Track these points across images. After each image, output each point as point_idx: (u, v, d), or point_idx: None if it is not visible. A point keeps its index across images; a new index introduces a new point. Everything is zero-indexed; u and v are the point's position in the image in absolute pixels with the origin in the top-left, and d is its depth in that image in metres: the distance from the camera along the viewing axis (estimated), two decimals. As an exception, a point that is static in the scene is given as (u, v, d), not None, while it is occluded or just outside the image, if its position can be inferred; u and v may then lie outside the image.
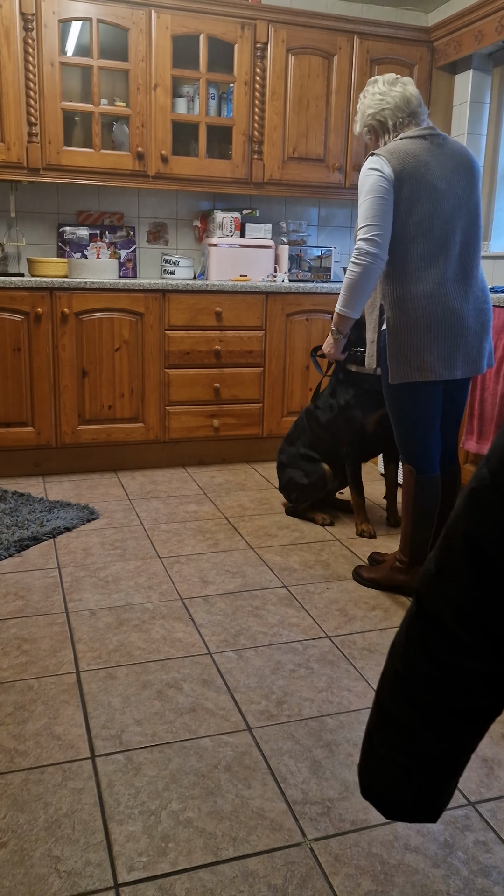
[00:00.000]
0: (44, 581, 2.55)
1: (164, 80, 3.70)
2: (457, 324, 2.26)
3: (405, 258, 2.24)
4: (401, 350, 2.27)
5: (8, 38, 3.44)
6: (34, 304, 3.50)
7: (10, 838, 1.43)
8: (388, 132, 2.34)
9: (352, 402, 3.00)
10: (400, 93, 2.30)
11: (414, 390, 2.31)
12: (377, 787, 0.95)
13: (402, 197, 2.20)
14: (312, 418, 3.15)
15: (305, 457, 3.14)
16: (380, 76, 2.37)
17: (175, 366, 3.78)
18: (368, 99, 2.35)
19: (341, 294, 2.37)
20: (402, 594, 2.51)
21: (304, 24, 3.84)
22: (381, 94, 2.31)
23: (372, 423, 2.98)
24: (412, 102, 2.31)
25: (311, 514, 3.19)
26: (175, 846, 1.42)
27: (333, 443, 3.08)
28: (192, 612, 2.35)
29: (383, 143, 2.35)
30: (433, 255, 2.23)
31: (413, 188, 2.20)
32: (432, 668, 0.84)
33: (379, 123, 2.34)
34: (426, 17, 4.39)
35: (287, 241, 4.28)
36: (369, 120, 2.35)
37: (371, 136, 2.40)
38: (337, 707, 1.87)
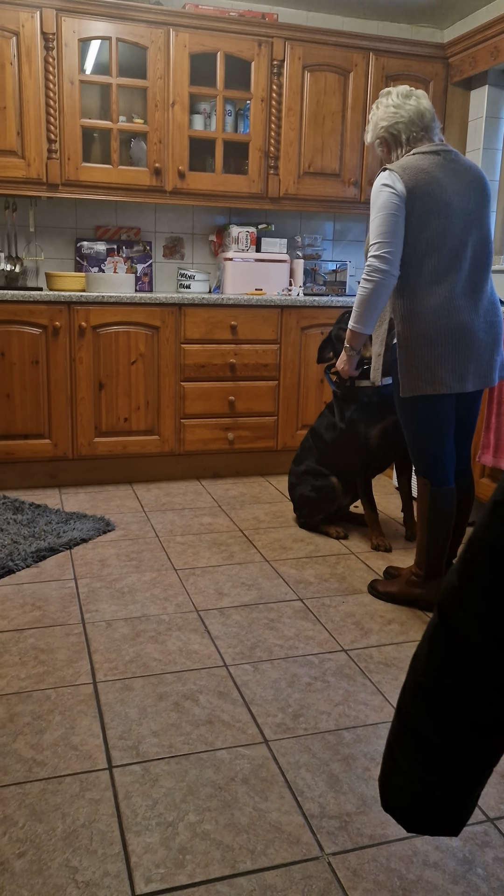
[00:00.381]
0: (60, 592, 2.56)
1: (181, 97, 3.75)
2: (468, 337, 2.27)
3: (416, 273, 2.26)
4: (412, 364, 2.28)
5: (29, 58, 3.50)
6: (52, 317, 3.54)
7: (28, 848, 1.43)
8: (401, 146, 2.35)
9: (354, 417, 3.01)
10: (414, 106, 2.31)
11: (426, 403, 2.32)
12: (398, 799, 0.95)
13: (414, 213, 2.22)
14: (317, 436, 3.16)
15: (314, 472, 3.15)
16: (393, 88, 2.37)
17: (190, 379, 3.80)
18: (382, 111, 2.35)
19: (353, 310, 2.39)
20: (418, 608, 2.51)
21: (320, 42, 3.88)
22: (395, 107, 2.31)
23: (375, 436, 2.99)
24: (426, 117, 2.32)
25: (325, 527, 3.19)
26: (192, 858, 1.42)
27: (341, 459, 3.09)
28: (208, 624, 2.35)
29: (395, 155, 2.37)
30: (444, 271, 2.24)
31: (425, 204, 2.21)
32: (455, 680, 0.84)
33: (392, 136, 2.35)
34: (441, 33, 4.42)
35: (302, 255, 4.30)
36: (382, 132, 2.36)
37: (383, 148, 2.40)
38: (354, 721, 1.87)
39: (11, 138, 3.55)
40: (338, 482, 3.11)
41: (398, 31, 4.37)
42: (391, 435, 2.99)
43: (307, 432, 3.27)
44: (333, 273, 4.27)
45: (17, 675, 2.04)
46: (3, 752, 1.71)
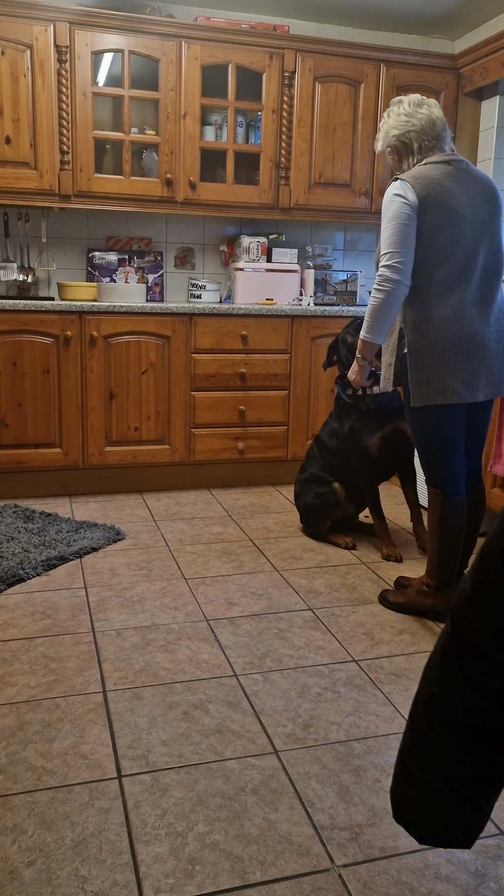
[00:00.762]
0: (71, 600, 2.56)
1: (193, 108, 3.78)
2: (478, 347, 2.26)
3: (427, 283, 2.26)
4: (423, 373, 2.28)
5: (43, 70, 3.54)
6: (63, 327, 3.56)
7: (37, 857, 1.42)
8: (413, 154, 2.34)
9: (355, 426, 3.02)
10: (426, 115, 2.31)
11: (437, 413, 2.31)
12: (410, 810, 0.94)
13: (426, 223, 2.22)
14: (321, 444, 3.17)
15: (316, 479, 3.15)
16: (405, 97, 2.37)
17: (201, 388, 3.81)
18: (393, 119, 2.34)
19: (365, 320, 2.38)
20: (429, 618, 2.49)
21: (331, 53, 3.90)
22: (406, 116, 2.31)
23: (375, 445, 2.98)
24: (437, 125, 2.32)
25: (333, 537, 3.19)
26: (202, 869, 1.41)
27: (344, 466, 3.10)
28: (218, 634, 2.35)
29: (406, 164, 2.36)
30: (455, 280, 2.24)
31: (437, 214, 2.21)
32: (468, 689, 0.84)
33: (403, 145, 2.35)
34: (452, 44, 4.44)
35: (313, 265, 4.31)
36: (393, 140, 2.36)
37: (394, 156, 2.40)
38: (364, 732, 1.85)
39: (25, 150, 3.59)
40: (340, 487, 3.11)
41: (409, 42, 4.39)
42: (391, 443, 2.99)
43: (312, 441, 3.27)
44: (344, 283, 4.28)
45: (27, 683, 2.04)
46: (13, 761, 1.70)
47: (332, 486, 3.11)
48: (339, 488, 3.11)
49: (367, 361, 2.53)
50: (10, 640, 2.27)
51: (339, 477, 3.12)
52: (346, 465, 3.09)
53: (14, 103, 3.53)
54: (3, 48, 3.47)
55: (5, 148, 3.56)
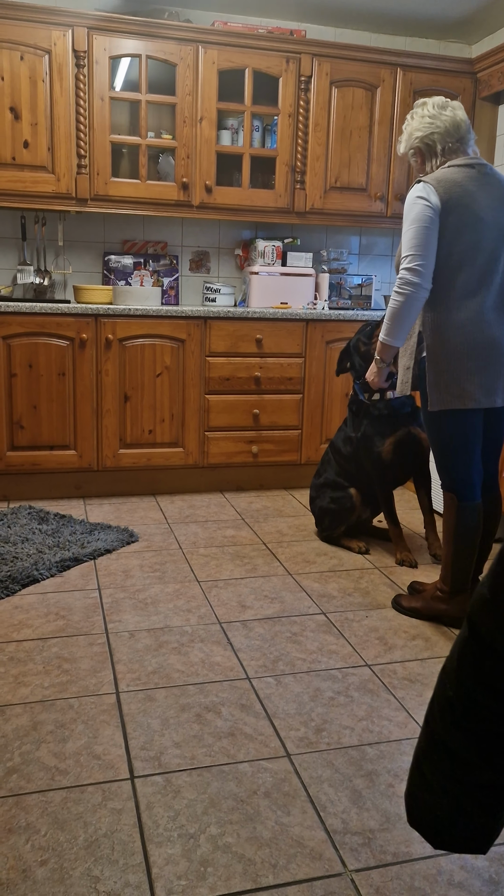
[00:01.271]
0: (84, 602, 2.57)
1: (209, 113, 3.79)
2: (498, 352, 2.25)
3: (447, 287, 2.25)
4: (441, 378, 2.27)
5: (61, 75, 3.56)
6: (79, 329, 3.58)
7: (50, 856, 1.43)
8: (436, 156, 2.33)
9: (367, 432, 3.00)
10: (450, 117, 2.30)
11: (454, 418, 2.30)
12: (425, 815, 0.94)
13: (448, 226, 2.21)
14: (336, 450, 3.16)
15: (332, 484, 3.15)
16: (428, 98, 2.36)
17: (215, 392, 3.82)
18: (417, 121, 2.33)
19: (384, 323, 2.37)
20: (443, 624, 2.48)
21: (348, 58, 3.91)
22: (430, 118, 2.30)
23: (388, 450, 2.97)
24: (461, 128, 2.32)
25: (347, 541, 3.18)
26: (214, 871, 1.41)
27: (359, 471, 3.09)
28: (231, 637, 2.35)
29: (430, 166, 2.35)
30: (475, 285, 2.23)
31: (458, 218, 2.20)
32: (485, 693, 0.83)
33: (427, 147, 2.33)
34: (470, 48, 4.43)
35: (328, 269, 4.31)
36: (417, 143, 2.34)
37: (417, 158, 2.39)
38: (377, 737, 1.85)
39: (42, 154, 3.61)
40: (356, 493, 3.10)
41: (426, 46, 4.38)
42: (404, 448, 2.98)
43: (327, 446, 3.27)
44: (359, 287, 4.28)
45: (40, 683, 2.05)
46: (26, 760, 1.71)
47: (349, 492, 3.10)
48: (355, 494, 3.10)
49: (386, 364, 2.53)
50: (25, 641, 2.29)
51: (355, 482, 3.11)
52: (361, 470, 3.08)
53: (32, 108, 3.56)
54: (22, 53, 3.50)
55: (23, 152, 3.59)
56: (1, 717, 1.88)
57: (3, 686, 2.03)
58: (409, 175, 4.12)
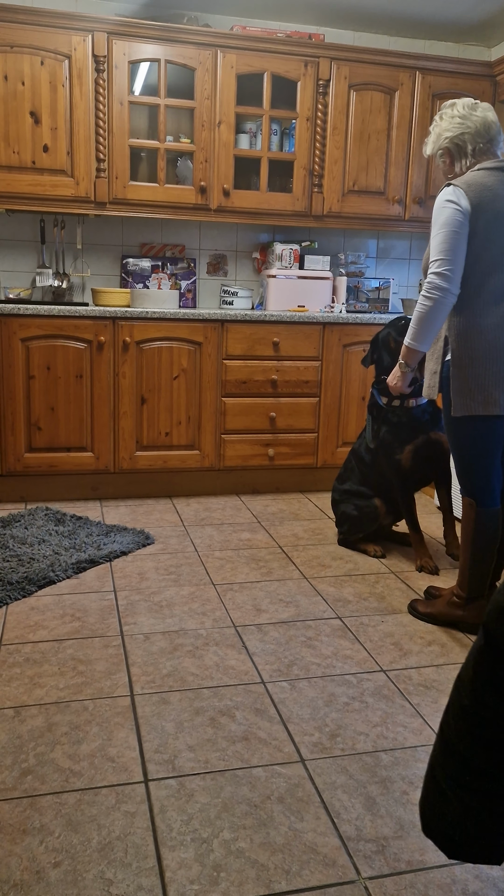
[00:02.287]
0: (100, 604, 2.58)
1: (227, 116, 3.80)
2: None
3: (476, 292, 2.22)
4: (466, 383, 2.25)
5: (81, 80, 3.59)
6: (97, 332, 3.60)
7: (63, 858, 1.43)
8: (466, 157, 2.30)
9: (386, 439, 2.98)
10: (481, 118, 2.27)
11: (477, 424, 2.28)
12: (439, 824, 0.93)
13: (478, 230, 2.18)
14: (359, 458, 3.14)
15: (357, 493, 3.13)
16: (457, 100, 2.34)
17: (231, 394, 3.82)
18: (446, 122, 2.31)
19: (411, 327, 2.34)
20: (459, 630, 2.46)
21: (366, 61, 3.90)
22: (461, 118, 2.28)
23: (407, 458, 2.94)
24: (492, 129, 2.28)
25: (363, 545, 3.17)
26: (227, 876, 1.40)
27: (382, 480, 3.07)
28: (246, 640, 2.34)
29: (459, 166, 2.33)
30: (499, 289, 2.21)
31: (488, 222, 2.18)
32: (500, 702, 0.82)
33: (457, 147, 2.31)
34: (489, 51, 4.41)
35: (345, 272, 4.30)
36: (446, 143, 2.32)
37: (446, 158, 2.36)
38: (392, 743, 1.84)
39: (62, 158, 3.64)
40: (381, 503, 3.08)
41: (445, 49, 4.37)
42: (423, 454, 2.95)
43: (349, 453, 3.24)
44: (376, 290, 4.26)
45: (55, 685, 2.05)
46: (41, 762, 1.72)
47: (373, 502, 3.09)
48: (380, 504, 3.08)
49: (410, 368, 2.49)
50: (40, 642, 2.30)
51: (380, 491, 3.09)
52: (384, 477, 3.06)
53: (52, 112, 3.59)
54: (42, 58, 3.53)
55: (43, 156, 3.62)
56: (16, 719, 1.89)
57: (18, 687, 2.04)
58: (427, 178, 4.11)
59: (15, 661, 2.18)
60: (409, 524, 3.03)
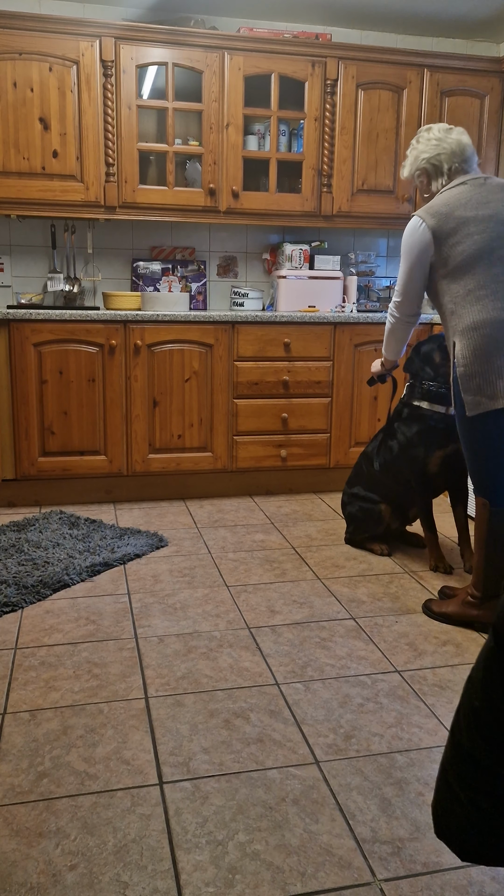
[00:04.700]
0: (114, 606, 2.59)
1: (236, 118, 3.80)
2: None
3: (460, 295, 2.31)
4: (472, 381, 2.25)
5: (89, 85, 3.61)
6: (109, 336, 3.61)
7: (79, 861, 1.44)
8: (442, 175, 2.46)
9: (415, 440, 2.93)
10: (456, 139, 2.43)
11: (489, 421, 2.27)
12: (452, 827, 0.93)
13: (445, 246, 2.32)
14: (369, 461, 3.12)
15: (363, 498, 3.12)
16: (433, 125, 2.50)
17: (243, 396, 3.83)
18: (423, 144, 2.47)
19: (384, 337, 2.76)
20: (474, 629, 2.45)
21: (373, 60, 3.89)
22: (437, 140, 2.44)
23: (435, 462, 2.91)
24: (466, 150, 2.44)
25: (370, 544, 3.17)
26: (242, 878, 1.41)
27: (395, 483, 3.04)
28: (260, 642, 2.34)
29: (436, 185, 2.49)
30: (487, 283, 2.26)
31: (453, 233, 2.32)
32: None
33: (433, 167, 2.46)
34: (498, 47, 4.39)
35: (356, 271, 4.30)
36: (423, 164, 2.47)
37: (423, 178, 2.51)
38: (407, 744, 1.83)
39: (71, 163, 3.66)
40: (387, 508, 3.08)
41: (453, 46, 4.35)
42: (450, 463, 2.92)
43: (360, 455, 3.22)
44: (387, 289, 4.25)
45: (70, 688, 2.07)
46: (56, 765, 1.73)
47: (379, 507, 3.08)
48: (385, 509, 3.07)
49: (385, 368, 2.96)
50: (56, 645, 2.31)
51: (386, 496, 3.08)
52: (397, 480, 3.03)
53: (61, 118, 3.61)
54: (50, 64, 3.55)
55: (53, 162, 3.64)
56: (32, 722, 1.90)
57: (34, 690, 2.05)
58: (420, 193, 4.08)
59: (30, 665, 2.19)
60: (424, 525, 3.00)
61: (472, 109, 4.07)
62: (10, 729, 1.87)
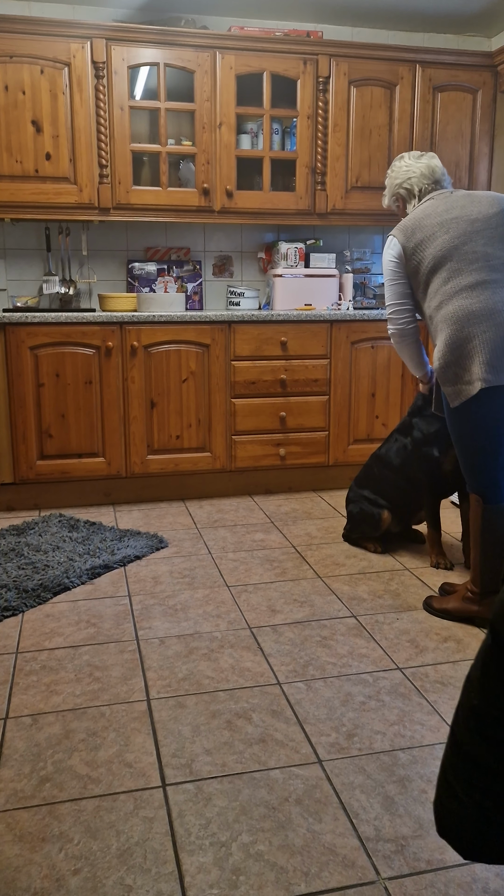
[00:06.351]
0: (115, 609, 2.59)
1: (228, 118, 3.80)
2: (490, 319, 2.21)
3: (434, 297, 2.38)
4: (448, 371, 2.30)
5: (80, 86, 3.60)
6: (105, 338, 3.61)
7: (83, 865, 1.44)
8: (415, 197, 2.59)
9: (430, 439, 2.93)
10: (426, 163, 2.58)
11: (471, 411, 2.27)
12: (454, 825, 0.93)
13: (416, 260, 2.44)
14: (384, 464, 3.10)
15: (369, 500, 3.12)
16: (406, 153, 2.67)
17: (241, 395, 3.82)
18: (396, 172, 2.63)
19: None
20: (475, 625, 2.45)
21: (365, 56, 3.89)
22: (406, 167, 2.60)
23: (449, 462, 2.91)
24: (436, 172, 2.57)
25: (364, 541, 3.17)
26: (246, 879, 1.40)
27: (407, 484, 3.02)
28: (261, 642, 2.34)
29: (409, 208, 2.61)
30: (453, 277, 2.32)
31: (421, 242, 2.41)
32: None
33: (406, 191, 2.60)
34: (489, 41, 4.38)
35: (351, 269, 4.29)
36: (397, 189, 2.62)
37: (398, 203, 2.67)
38: (409, 741, 1.83)
39: (64, 165, 3.65)
40: (388, 516, 3.06)
41: (445, 41, 4.34)
42: None
43: (372, 457, 3.18)
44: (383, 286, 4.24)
45: (72, 691, 2.06)
46: (59, 769, 1.73)
47: (380, 512, 3.07)
48: (385, 516, 3.07)
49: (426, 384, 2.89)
50: (56, 649, 2.31)
51: (394, 500, 3.07)
52: (408, 479, 3.01)
53: (53, 120, 3.60)
54: (42, 67, 3.55)
55: (46, 164, 3.63)
56: (34, 726, 1.90)
57: (35, 694, 2.05)
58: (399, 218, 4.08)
59: (31, 669, 2.19)
60: (429, 522, 2.99)
61: (464, 104, 4.06)
62: (11, 733, 1.87)
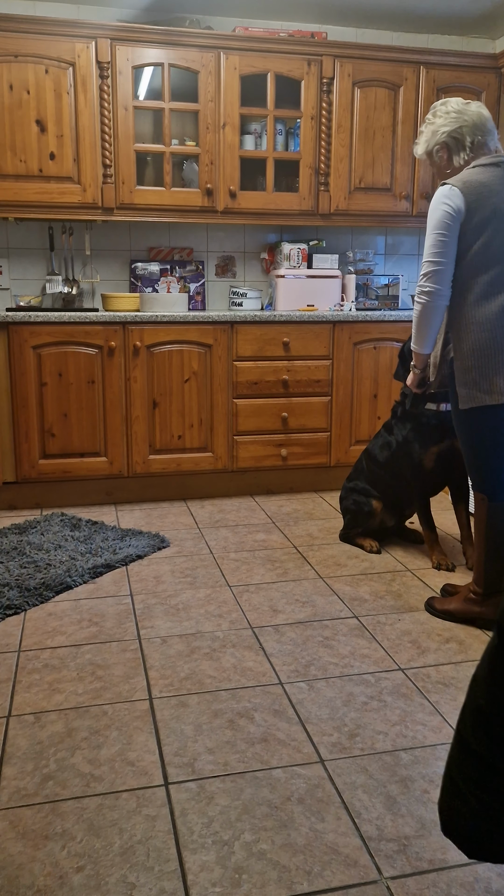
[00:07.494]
0: (117, 608, 2.59)
1: (232, 118, 3.80)
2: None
3: (471, 286, 2.25)
4: (469, 375, 2.26)
5: (85, 87, 3.61)
6: (107, 338, 3.61)
7: (86, 863, 1.44)
8: (465, 149, 2.33)
9: (409, 437, 2.96)
10: (476, 112, 2.32)
11: (484, 415, 2.28)
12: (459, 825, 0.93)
13: (472, 227, 2.21)
14: (371, 458, 3.13)
15: (360, 490, 3.13)
16: (449, 99, 2.38)
17: (243, 396, 3.82)
18: (441, 118, 2.34)
19: (412, 330, 2.41)
20: (477, 626, 2.45)
21: (369, 58, 3.89)
22: (457, 113, 2.31)
23: (430, 459, 2.93)
24: (488, 123, 2.33)
25: (360, 540, 3.18)
26: (248, 878, 1.41)
27: (393, 479, 3.06)
28: (263, 641, 2.34)
29: (457, 160, 2.35)
30: (498, 281, 2.22)
31: (484, 219, 2.20)
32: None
33: (455, 141, 2.33)
34: (493, 43, 4.38)
35: (354, 270, 4.30)
36: (444, 138, 2.34)
37: (443, 154, 2.37)
38: (411, 742, 1.83)
39: (68, 165, 3.66)
40: (378, 504, 3.10)
41: (449, 43, 4.35)
42: (446, 459, 2.93)
43: (362, 452, 3.24)
44: (386, 287, 4.25)
45: (74, 690, 2.07)
46: (61, 767, 1.73)
47: (370, 502, 3.11)
48: (376, 505, 3.10)
49: (419, 369, 2.56)
50: (59, 648, 2.31)
51: (383, 492, 3.10)
52: (396, 478, 3.04)
53: (58, 120, 3.61)
54: (46, 67, 3.55)
55: (49, 164, 3.64)
56: (36, 724, 1.90)
57: (38, 693, 2.05)
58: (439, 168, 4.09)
59: (34, 668, 2.19)
60: (423, 523, 3.02)
61: (468, 106, 4.06)
62: (14, 732, 1.87)
